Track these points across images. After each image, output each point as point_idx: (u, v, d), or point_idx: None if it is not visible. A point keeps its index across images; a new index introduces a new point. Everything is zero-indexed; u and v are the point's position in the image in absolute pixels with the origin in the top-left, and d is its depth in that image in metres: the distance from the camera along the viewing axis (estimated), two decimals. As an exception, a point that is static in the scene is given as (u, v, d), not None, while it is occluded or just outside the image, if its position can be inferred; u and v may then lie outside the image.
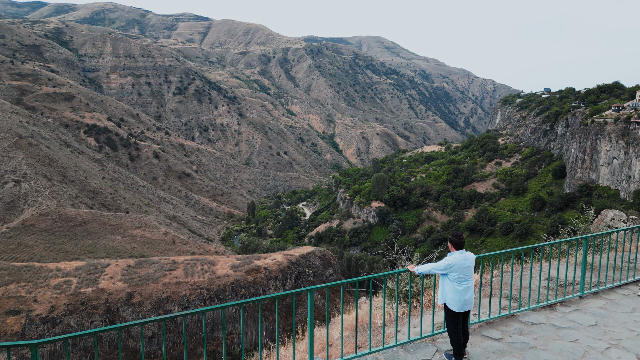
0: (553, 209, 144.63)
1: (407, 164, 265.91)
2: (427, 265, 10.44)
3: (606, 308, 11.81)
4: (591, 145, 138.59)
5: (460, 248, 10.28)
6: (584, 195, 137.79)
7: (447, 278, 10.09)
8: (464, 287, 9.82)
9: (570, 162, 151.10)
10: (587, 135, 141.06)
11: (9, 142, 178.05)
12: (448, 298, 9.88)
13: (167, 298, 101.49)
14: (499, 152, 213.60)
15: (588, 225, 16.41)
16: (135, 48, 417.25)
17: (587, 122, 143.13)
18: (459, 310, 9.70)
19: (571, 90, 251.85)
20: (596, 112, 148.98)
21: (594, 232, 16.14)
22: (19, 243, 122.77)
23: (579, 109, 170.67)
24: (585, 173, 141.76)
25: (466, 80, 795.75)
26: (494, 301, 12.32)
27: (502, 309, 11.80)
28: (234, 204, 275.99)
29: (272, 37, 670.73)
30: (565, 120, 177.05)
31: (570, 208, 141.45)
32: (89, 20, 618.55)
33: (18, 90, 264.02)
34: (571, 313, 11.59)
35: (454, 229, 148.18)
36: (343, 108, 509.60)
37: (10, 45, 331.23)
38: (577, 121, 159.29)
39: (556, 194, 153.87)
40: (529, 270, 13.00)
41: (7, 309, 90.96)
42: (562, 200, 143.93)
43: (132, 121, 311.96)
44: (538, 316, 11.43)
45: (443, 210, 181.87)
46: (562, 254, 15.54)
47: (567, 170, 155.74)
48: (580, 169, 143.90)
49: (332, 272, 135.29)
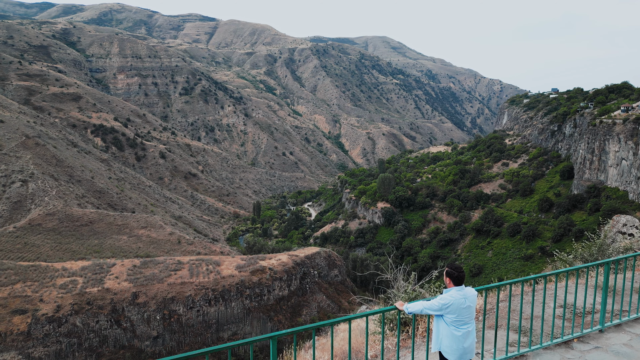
0: (561, 210, 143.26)
1: (413, 164, 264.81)
2: (418, 304, 8.53)
3: (631, 345, 10.22)
4: (599, 146, 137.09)
5: (459, 284, 8.35)
6: (592, 197, 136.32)
7: (442, 320, 8.28)
8: (464, 332, 8.08)
9: (578, 163, 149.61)
10: (596, 136, 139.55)
11: (17, 142, 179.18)
12: (444, 345, 8.18)
13: (172, 298, 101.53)
14: (506, 153, 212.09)
15: (604, 241, 15.25)
16: (142, 48, 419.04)
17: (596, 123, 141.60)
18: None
19: (579, 91, 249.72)
20: (605, 112, 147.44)
21: (607, 238, 15.35)
22: (26, 242, 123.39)
23: (587, 109, 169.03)
24: (593, 174, 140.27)
25: (473, 80, 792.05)
26: (500, 335, 10.72)
27: (510, 345, 10.32)
28: (240, 204, 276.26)
29: (278, 38, 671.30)
30: (573, 120, 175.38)
31: (578, 209, 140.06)
32: (96, 21, 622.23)
33: (26, 90, 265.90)
34: (590, 352, 10.04)
35: (451, 262, 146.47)
36: (349, 108, 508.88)
37: (18, 45, 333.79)
38: (585, 121, 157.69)
39: (564, 195, 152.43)
40: (540, 293, 11.52)
41: (13, 308, 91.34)
42: (569, 201, 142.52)
43: (139, 121, 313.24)
44: (552, 356, 9.91)
45: (449, 211, 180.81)
46: (580, 275, 13.67)
47: (575, 171, 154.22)
48: (588, 169, 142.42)
49: (337, 272, 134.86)
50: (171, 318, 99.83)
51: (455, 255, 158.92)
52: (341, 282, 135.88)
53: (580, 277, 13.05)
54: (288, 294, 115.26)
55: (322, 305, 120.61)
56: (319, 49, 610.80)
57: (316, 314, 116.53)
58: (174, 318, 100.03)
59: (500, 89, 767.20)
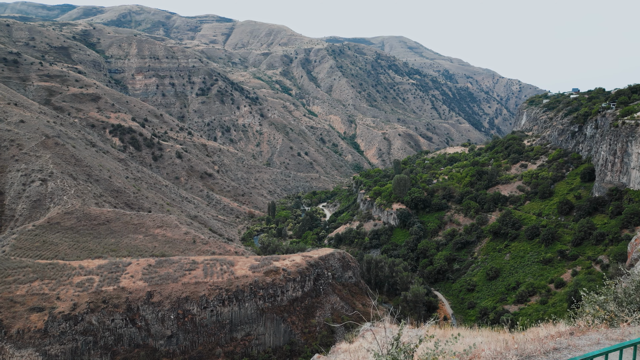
0: (581, 213, 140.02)
1: (429, 165, 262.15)
2: None
3: None
4: (622, 147, 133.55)
5: None
6: (614, 200, 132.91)
7: None
8: None
9: (600, 164, 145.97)
10: (618, 137, 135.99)
11: (37, 142, 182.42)
12: None
13: (187, 298, 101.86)
14: (524, 154, 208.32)
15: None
16: (159, 49, 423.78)
17: (618, 124, 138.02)
18: None
19: (601, 91, 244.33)
20: (627, 113, 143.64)
21: (631, 254, 13.23)
22: (44, 241, 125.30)
23: (609, 110, 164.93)
24: (615, 176, 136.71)
25: (491, 80, 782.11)
26: None
27: None
28: (255, 204, 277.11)
29: (294, 38, 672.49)
30: (595, 121, 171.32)
31: (599, 212, 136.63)
32: (115, 23, 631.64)
33: (46, 91, 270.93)
34: None
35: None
36: (364, 108, 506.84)
37: (39, 47, 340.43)
38: (607, 122, 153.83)
39: (584, 197, 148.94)
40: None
41: (31, 305, 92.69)
42: (590, 204, 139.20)
43: (156, 121, 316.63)
44: None
45: (466, 213, 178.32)
46: None
47: (596, 173, 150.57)
48: (610, 172, 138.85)
49: (351, 274, 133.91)
50: (185, 318, 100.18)
51: (471, 258, 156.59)
52: (355, 284, 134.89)
53: None
54: (302, 295, 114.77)
55: (336, 307, 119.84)
56: (334, 49, 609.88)
57: (330, 316, 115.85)
58: (188, 318, 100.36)
59: (519, 89, 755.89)
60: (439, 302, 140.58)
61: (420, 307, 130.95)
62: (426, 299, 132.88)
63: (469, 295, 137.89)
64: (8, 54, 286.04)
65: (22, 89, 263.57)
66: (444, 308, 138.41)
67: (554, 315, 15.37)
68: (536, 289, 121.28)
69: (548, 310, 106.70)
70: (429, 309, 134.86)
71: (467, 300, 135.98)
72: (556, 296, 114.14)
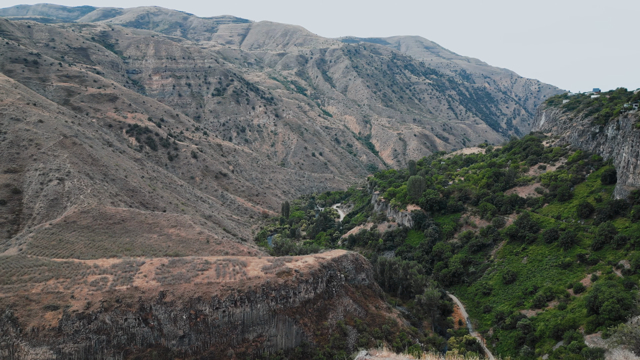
0: (602, 216, 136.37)
1: (445, 166, 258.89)
2: None
3: None
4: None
5: None
6: (636, 203, 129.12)
7: None
8: None
9: (622, 166, 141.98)
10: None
11: (55, 142, 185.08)
12: None
13: (199, 298, 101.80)
14: (543, 156, 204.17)
15: None
16: (176, 50, 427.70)
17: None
18: None
19: (623, 91, 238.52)
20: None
21: None
22: (61, 239, 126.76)
23: (632, 111, 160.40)
24: (637, 179, 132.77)
25: (509, 80, 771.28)
26: None
27: None
28: (269, 204, 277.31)
29: (309, 38, 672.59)
30: (616, 122, 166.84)
31: (621, 216, 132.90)
32: (134, 24, 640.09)
33: (65, 91, 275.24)
34: None
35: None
36: (380, 109, 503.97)
37: (59, 48, 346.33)
38: (629, 123, 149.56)
39: (605, 200, 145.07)
40: None
41: (46, 304, 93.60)
42: (611, 207, 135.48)
43: (172, 121, 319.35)
44: None
45: (482, 215, 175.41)
46: None
47: (617, 175, 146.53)
48: (632, 174, 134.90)
49: (364, 276, 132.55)
50: (197, 318, 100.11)
51: (487, 261, 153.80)
52: (369, 286, 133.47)
53: None
54: (314, 296, 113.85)
55: (349, 310, 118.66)
56: (350, 49, 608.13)
57: (342, 319, 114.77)
58: (200, 318, 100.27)
59: (538, 89, 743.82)
60: (453, 305, 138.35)
61: (434, 310, 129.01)
62: (441, 303, 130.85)
63: (484, 299, 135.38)
64: (28, 55, 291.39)
65: (42, 89, 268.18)
66: (459, 312, 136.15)
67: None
68: (554, 293, 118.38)
69: (567, 316, 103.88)
70: (443, 313, 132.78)
71: (482, 304, 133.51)
72: (575, 301, 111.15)
